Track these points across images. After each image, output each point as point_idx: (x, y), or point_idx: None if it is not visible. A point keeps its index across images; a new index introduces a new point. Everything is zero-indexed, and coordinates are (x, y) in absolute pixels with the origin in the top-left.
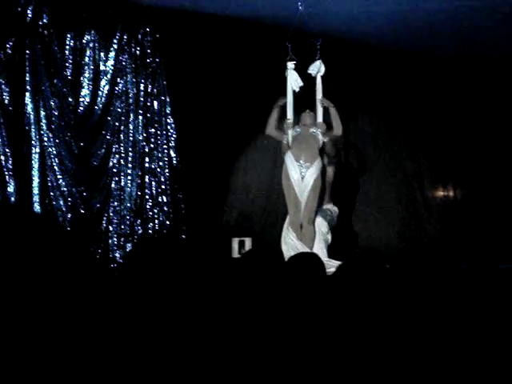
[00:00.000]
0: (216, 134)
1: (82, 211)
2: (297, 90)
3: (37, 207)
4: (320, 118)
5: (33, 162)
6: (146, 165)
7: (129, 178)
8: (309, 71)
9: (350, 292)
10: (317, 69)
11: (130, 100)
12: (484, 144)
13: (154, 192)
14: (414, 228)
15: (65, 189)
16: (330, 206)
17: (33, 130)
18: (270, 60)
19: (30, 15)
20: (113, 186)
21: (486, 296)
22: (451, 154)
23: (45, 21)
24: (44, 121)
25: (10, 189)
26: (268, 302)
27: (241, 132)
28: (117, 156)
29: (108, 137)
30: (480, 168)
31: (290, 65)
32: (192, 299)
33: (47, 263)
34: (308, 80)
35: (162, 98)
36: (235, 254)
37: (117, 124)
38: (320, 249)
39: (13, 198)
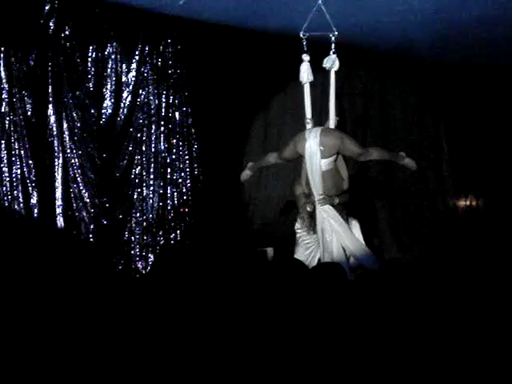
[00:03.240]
0: (237, 144)
1: (105, 222)
2: (305, 83)
3: (60, 219)
4: (332, 120)
5: (55, 173)
6: (168, 176)
7: (151, 188)
8: (323, 65)
9: (370, 300)
10: (331, 63)
11: (152, 111)
12: (506, 154)
13: (175, 203)
14: (436, 238)
15: (87, 200)
16: None
17: (55, 141)
18: (289, 71)
19: (52, 27)
20: (135, 196)
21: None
22: (473, 164)
23: (67, 33)
24: (67, 132)
25: (33, 200)
26: (293, 311)
27: (262, 142)
28: (139, 167)
29: (130, 148)
30: (501, 178)
31: (305, 57)
32: (216, 307)
33: (70, 273)
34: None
35: (184, 108)
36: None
37: (139, 135)
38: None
39: (36, 210)
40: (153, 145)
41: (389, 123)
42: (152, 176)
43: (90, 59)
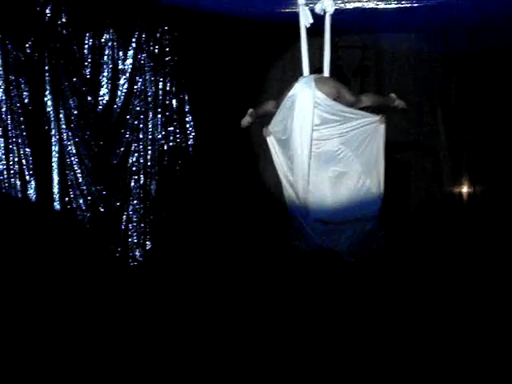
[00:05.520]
0: (234, 131)
1: (102, 210)
2: (307, 25)
3: (57, 206)
4: (327, 67)
5: (52, 161)
6: (165, 163)
7: (148, 176)
8: (315, 10)
9: (367, 288)
10: (322, 7)
11: (149, 98)
12: (503, 140)
13: (173, 190)
14: (432, 225)
15: (84, 188)
16: None
17: (52, 129)
18: (285, 57)
19: (48, 15)
20: (132, 184)
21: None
22: (469, 150)
23: (63, 20)
24: (63, 120)
25: (31, 188)
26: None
27: (258, 129)
28: (136, 154)
29: (127, 135)
30: (498, 164)
31: (301, 1)
32: (213, 294)
33: (68, 261)
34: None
35: (181, 96)
36: None
37: (136, 122)
38: None
39: (33, 197)
40: (150, 132)
41: (384, 79)
42: (149, 163)
43: (86, 46)
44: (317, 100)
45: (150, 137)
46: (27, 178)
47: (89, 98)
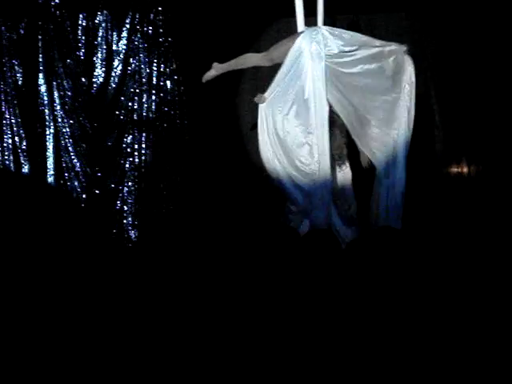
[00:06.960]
0: (229, 111)
1: (97, 191)
2: None
3: (51, 188)
4: (320, 18)
5: (47, 142)
6: (160, 144)
7: (143, 157)
8: None
9: (362, 267)
10: None
11: (143, 80)
12: (499, 119)
13: (167, 171)
14: (427, 206)
15: (79, 169)
16: None
17: (46, 110)
18: (282, 37)
19: None
20: (127, 165)
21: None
22: (465, 129)
23: (57, 1)
24: (57, 101)
25: (25, 170)
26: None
27: (255, 109)
28: (130, 136)
29: (121, 117)
30: (494, 143)
31: None
32: (208, 276)
33: (62, 243)
34: None
35: (175, 77)
36: None
37: (130, 104)
38: None
39: (28, 179)
40: (144, 113)
41: None
42: (143, 145)
43: (80, 28)
44: (325, 35)
45: (145, 118)
46: (21, 159)
47: (83, 80)
